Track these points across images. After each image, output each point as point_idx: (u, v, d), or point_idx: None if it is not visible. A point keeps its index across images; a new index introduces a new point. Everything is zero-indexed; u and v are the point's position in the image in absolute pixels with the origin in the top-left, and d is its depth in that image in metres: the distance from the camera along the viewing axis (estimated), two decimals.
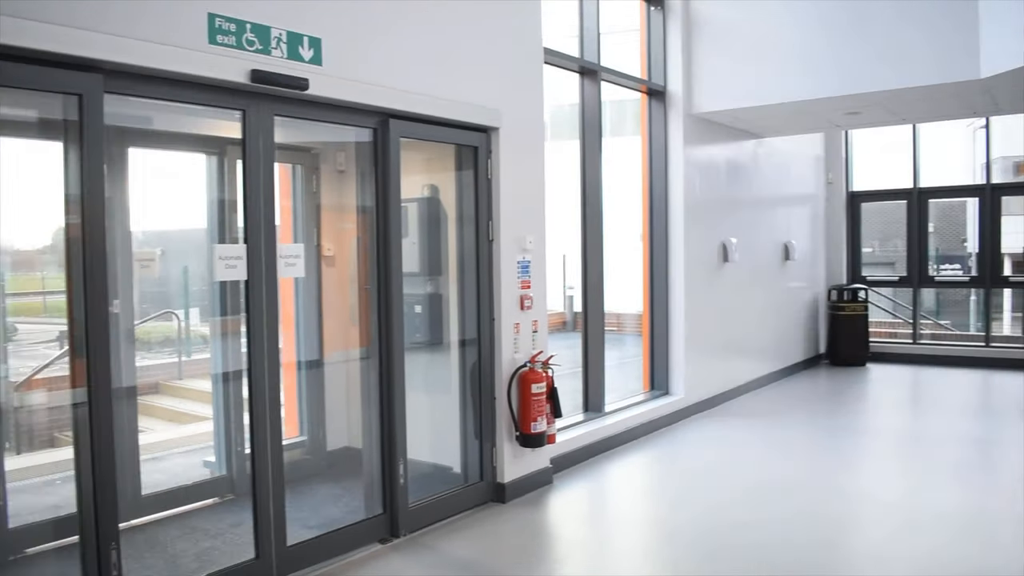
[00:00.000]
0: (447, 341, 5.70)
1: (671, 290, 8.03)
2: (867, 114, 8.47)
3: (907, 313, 12.71)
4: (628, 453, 6.80)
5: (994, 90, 7.26)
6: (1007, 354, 11.19)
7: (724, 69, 7.91)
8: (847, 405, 9.16)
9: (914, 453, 7.05)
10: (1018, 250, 13.63)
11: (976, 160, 17.07)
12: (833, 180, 11.93)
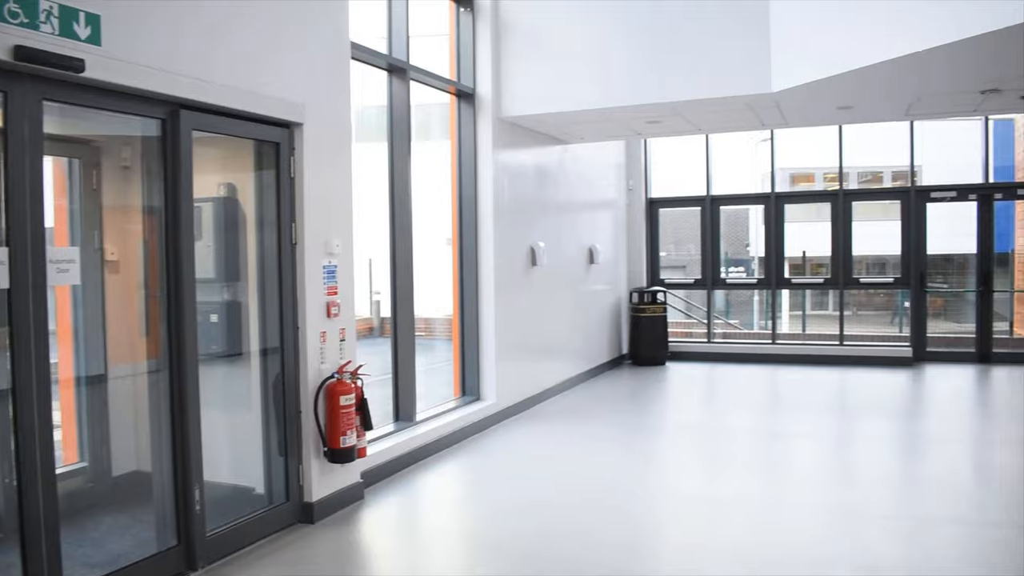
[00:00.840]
0: (247, 352, 5.31)
1: (481, 294, 7.95)
2: (667, 123, 8.77)
3: (701, 313, 13.39)
4: (441, 462, 6.64)
5: (783, 104, 7.69)
6: (791, 350, 12.00)
7: (531, 73, 7.93)
8: (651, 403, 9.47)
9: (714, 447, 7.33)
10: (798, 254, 14.67)
11: (760, 171, 18.28)
12: (633, 187, 12.35)
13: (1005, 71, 6.58)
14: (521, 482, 6.19)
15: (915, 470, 6.65)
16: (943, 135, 14.74)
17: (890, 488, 6.09)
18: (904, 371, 10.96)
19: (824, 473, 6.58)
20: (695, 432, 8.00)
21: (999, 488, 6.01)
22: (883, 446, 7.38)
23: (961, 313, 15.04)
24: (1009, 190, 11.57)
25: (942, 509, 5.50)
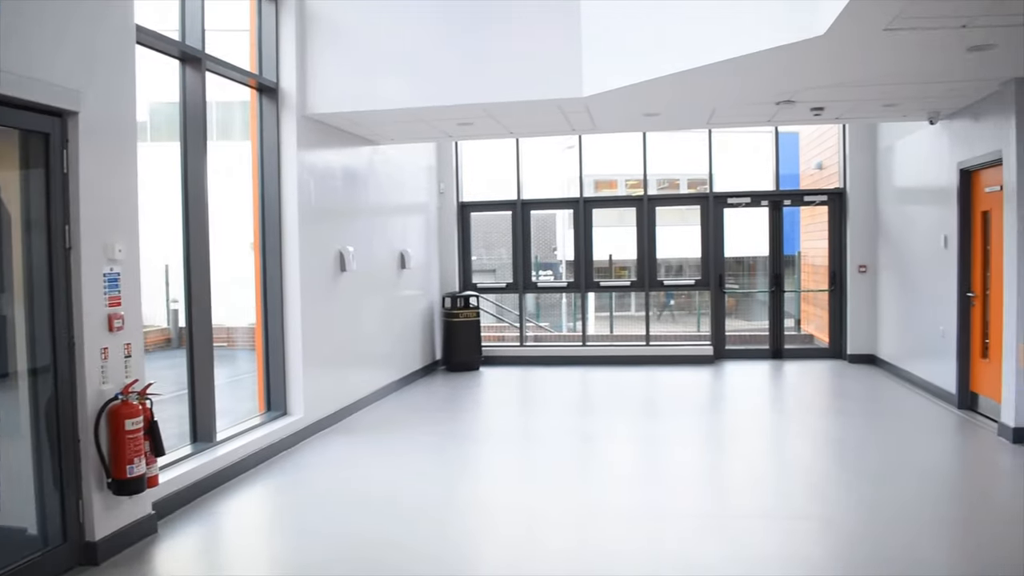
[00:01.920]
0: (13, 372, 4.62)
1: (286, 301, 7.47)
2: (479, 125, 8.63)
3: (513, 317, 13.41)
4: (246, 485, 6.13)
5: (594, 109, 7.74)
6: (600, 351, 12.23)
7: (339, 69, 7.55)
8: (466, 410, 9.30)
9: (531, 452, 7.25)
10: (605, 258, 14.99)
11: (566, 176, 18.60)
12: (445, 190, 12.17)
13: (798, 83, 6.91)
14: (333, 501, 5.81)
15: (723, 465, 6.86)
16: (736, 145, 15.60)
17: (702, 485, 6.22)
18: (707, 368, 11.42)
19: (637, 473, 6.65)
20: (511, 437, 7.90)
21: (802, 480, 6.28)
22: (692, 442, 7.58)
23: (753, 312, 15.96)
24: (796, 197, 12.34)
25: (752, 504, 5.65)
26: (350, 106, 7.62)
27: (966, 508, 5.64)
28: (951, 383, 8.56)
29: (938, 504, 5.67)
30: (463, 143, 12.44)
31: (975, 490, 6.14)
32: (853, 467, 6.55)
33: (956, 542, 4.99)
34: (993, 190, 7.69)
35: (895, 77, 6.71)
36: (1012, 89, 6.84)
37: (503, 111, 7.85)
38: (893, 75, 6.62)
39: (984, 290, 8.07)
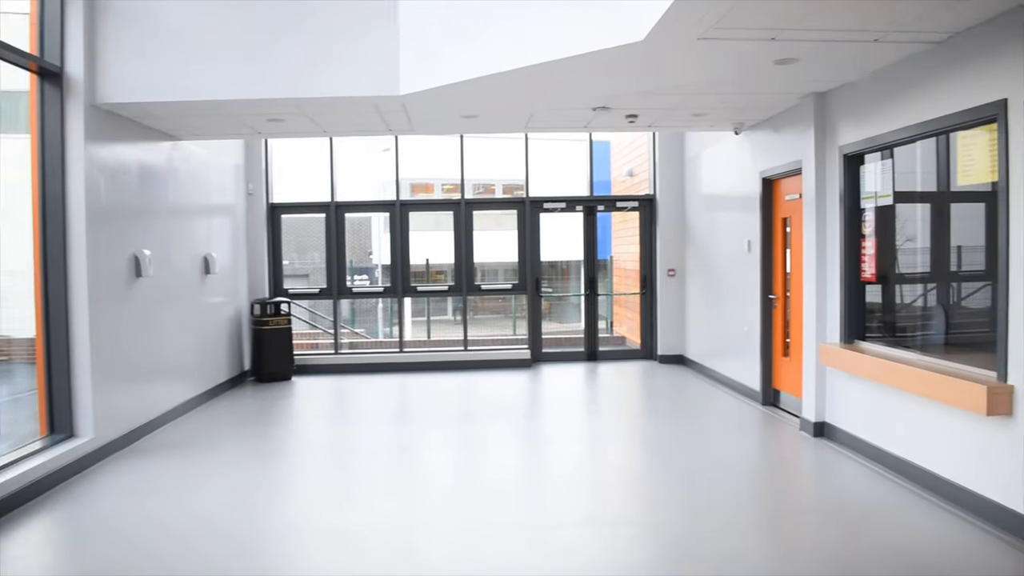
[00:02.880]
0: None
1: (72, 310, 6.69)
2: (291, 122, 8.18)
3: (327, 323, 12.92)
4: (25, 520, 5.42)
5: (411, 109, 7.50)
6: (418, 358, 11.99)
7: (134, 55, 6.87)
8: (278, 423, 8.77)
9: (348, 467, 6.90)
10: (422, 262, 14.77)
11: (382, 179, 18.24)
12: (254, 191, 11.53)
13: (616, 89, 6.97)
14: (126, 534, 5.23)
15: (544, 471, 6.79)
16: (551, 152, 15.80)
17: (523, 493, 6.12)
18: (524, 372, 11.44)
19: (458, 484, 6.46)
20: (327, 452, 7.50)
21: (620, 483, 6.32)
22: (512, 449, 7.49)
23: (568, 315, 16.25)
24: (609, 203, 12.64)
25: (573, 511, 5.60)
26: (146, 96, 6.96)
27: (778, 502, 5.85)
28: (755, 381, 8.96)
29: (751, 500, 5.85)
30: (274, 141, 11.83)
31: (784, 484, 6.39)
32: (669, 467, 6.67)
33: (771, 536, 5.14)
34: (793, 198, 8.10)
35: (707, 87, 6.91)
36: (811, 103, 7.22)
37: (316, 107, 7.46)
38: (705, 84, 6.81)
39: (785, 292, 8.50)
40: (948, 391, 5.22)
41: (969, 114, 5.15)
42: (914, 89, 5.81)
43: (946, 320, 6.28)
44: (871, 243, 6.67)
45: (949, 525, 5.04)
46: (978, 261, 6.04)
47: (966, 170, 5.50)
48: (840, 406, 7.03)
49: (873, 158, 6.62)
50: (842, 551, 4.73)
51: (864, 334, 6.87)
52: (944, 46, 5.40)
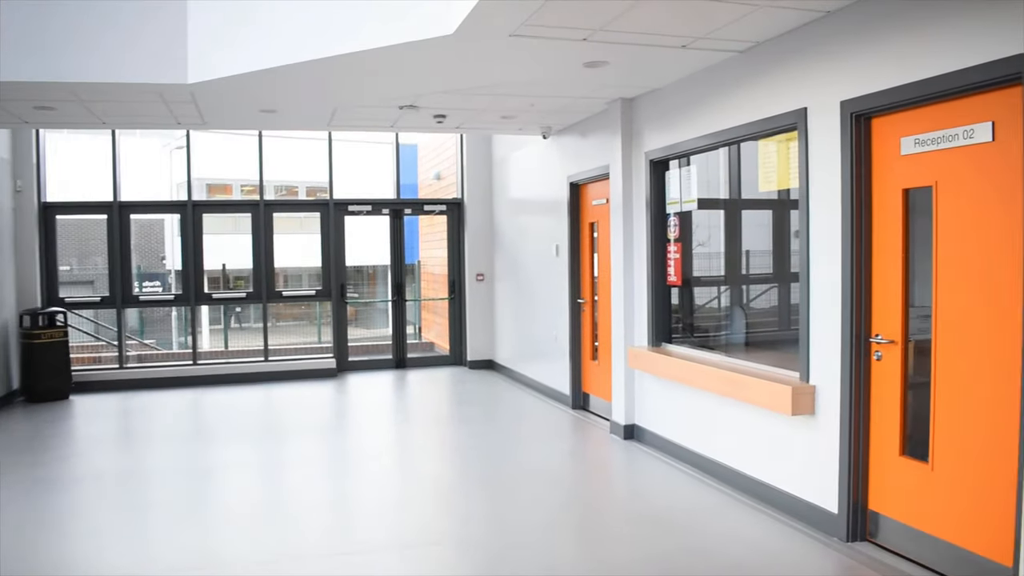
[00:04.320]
0: None
1: None
2: (64, 111, 7.33)
3: (112, 335, 11.82)
4: None
5: (201, 100, 6.90)
6: (214, 370, 11.20)
7: None
8: (53, 449, 7.76)
9: (136, 497, 6.19)
10: (218, 267, 13.94)
11: (175, 179, 17.12)
12: (23, 188, 10.32)
13: (424, 86, 6.72)
14: None
15: (352, 491, 6.39)
16: (357, 154, 15.36)
17: (330, 517, 5.71)
18: (330, 382, 10.95)
19: (258, 511, 5.90)
20: (109, 480, 6.70)
21: (433, 498, 6.04)
22: (316, 468, 7.02)
23: (375, 321, 15.81)
24: (416, 206, 12.37)
25: (384, 533, 5.27)
26: None
27: (591, 508, 5.78)
28: (565, 385, 8.98)
29: (564, 507, 5.74)
30: (49, 133, 10.67)
31: (596, 489, 6.35)
32: (481, 478, 6.48)
33: (585, 544, 5.03)
34: (600, 203, 8.16)
35: (517, 88, 6.79)
36: (619, 108, 7.26)
37: (92, 94, 6.69)
38: (515, 85, 6.69)
39: (593, 296, 8.56)
40: (754, 392, 5.33)
41: (771, 122, 5.29)
42: (718, 97, 5.93)
43: (746, 321, 6.48)
44: (676, 248, 6.78)
45: (762, 526, 5.14)
46: (771, 264, 6.28)
47: (767, 177, 5.67)
48: (650, 409, 7.11)
49: (678, 164, 6.74)
50: (656, 555, 4.70)
51: (671, 337, 6.98)
52: (747, 55, 5.54)
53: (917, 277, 4.40)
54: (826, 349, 4.86)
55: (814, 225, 4.92)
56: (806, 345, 5.02)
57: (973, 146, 3.93)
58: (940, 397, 4.18)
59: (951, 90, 3.94)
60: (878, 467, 4.62)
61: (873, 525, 4.66)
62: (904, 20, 4.20)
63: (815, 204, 4.91)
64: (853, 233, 4.62)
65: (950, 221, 4.10)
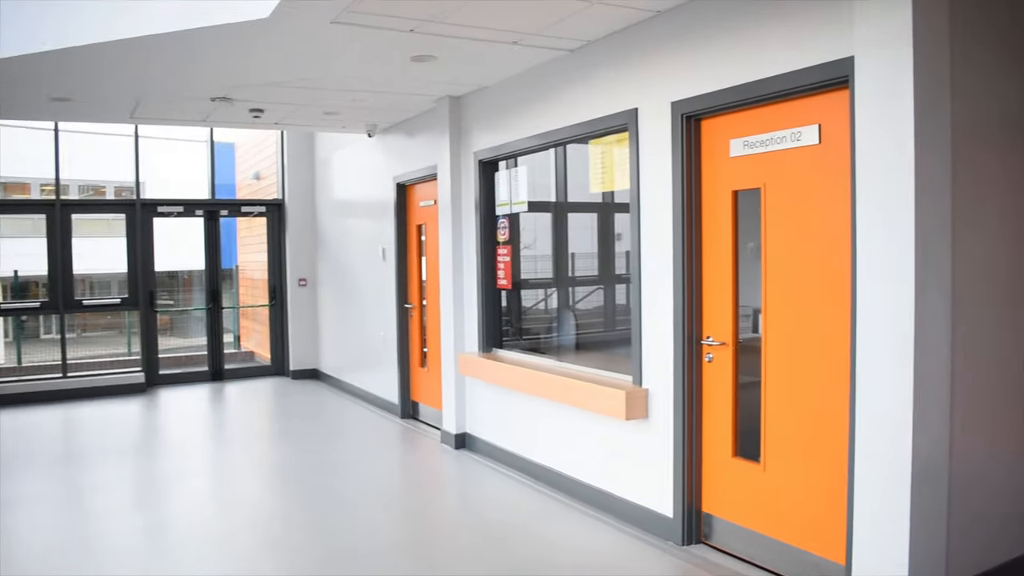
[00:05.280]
0: None
1: None
2: None
3: None
4: None
5: None
6: (4, 389, 10.04)
7: None
8: None
9: None
10: (9, 273, 12.67)
11: None
12: None
13: (236, 77, 6.23)
14: None
15: (164, 523, 5.75)
16: (170, 152, 14.43)
17: (141, 557, 5.12)
18: (138, 399, 10.09)
19: (51, 554, 5.23)
20: None
21: (254, 527, 5.55)
22: (124, 499, 6.28)
23: (190, 331, 14.83)
24: (234, 207, 11.66)
25: (205, 566, 4.77)
26: None
27: (424, 523, 5.50)
28: (394, 394, 8.66)
29: (396, 524, 5.44)
30: None
31: (429, 503, 6.07)
32: (306, 499, 6.04)
33: (420, 562, 4.74)
34: (428, 204, 7.91)
35: (340, 81, 6.42)
36: (446, 107, 7.04)
37: None
38: (338, 79, 6.32)
39: (421, 301, 8.29)
40: (588, 397, 5.23)
41: (602, 123, 5.21)
42: (549, 96, 5.81)
43: (576, 323, 6.40)
44: (506, 250, 6.63)
45: (598, 534, 5.03)
46: (600, 266, 6.24)
47: (598, 178, 5.60)
48: (482, 417, 6.92)
49: (507, 165, 6.59)
50: (493, 568, 4.49)
51: (502, 342, 6.82)
52: (579, 54, 5.44)
53: (748, 279, 4.42)
54: (658, 352, 4.82)
55: (645, 227, 4.88)
56: (638, 348, 4.97)
57: (800, 148, 3.97)
58: (771, 398, 4.20)
59: (779, 93, 3.96)
60: (712, 469, 4.61)
61: (708, 527, 4.66)
62: (733, 22, 4.20)
63: (646, 206, 4.86)
64: (684, 235, 4.59)
65: (779, 223, 4.13)
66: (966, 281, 3.60)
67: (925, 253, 3.30)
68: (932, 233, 3.34)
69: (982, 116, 3.70)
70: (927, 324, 3.33)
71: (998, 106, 3.81)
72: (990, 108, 3.76)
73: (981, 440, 3.81)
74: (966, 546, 3.69)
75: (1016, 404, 4.02)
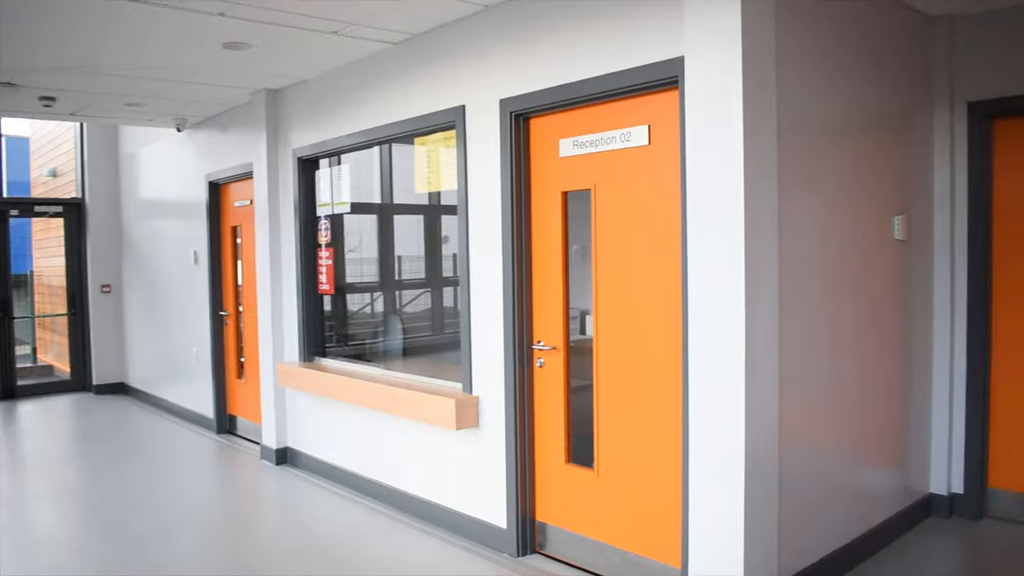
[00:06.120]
0: None
1: None
2: None
3: None
4: None
5: None
6: None
7: None
8: None
9: None
10: None
11: None
12: None
13: (19, 58, 5.55)
14: None
15: None
16: None
17: None
18: None
19: None
20: None
21: (43, 564, 4.95)
22: None
23: None
24: (26, 207, 10.60)
25: None
26: None
27: (245, 548, 5.08)
28: (209, 408, 8.10)
29: (217, 554, 4.97)
30: None
31: (249, 525, 5.63)
32: (109, 529, 5.42)
33: None
34: (243, 204, 7.43)
35: (144, 69, 5.86)
36: (263, 100, 6.60)
37: None
38: (140, 66, 5.77)
39: (238, 308, 7.79)
40: (416, 407, 4.99)
41: (428, 120, 4.99)
42: (373, 91, 5.53)
43: (403, 327, 6.17)
44: (328, 253, 6.29)
45: (431, 548, 4.81)
46: (427, 269, 6.05)
47: (425, 178, 5.38)
48: (305, 430, 6.53)
49: (330, 163, 6.26)
50: None
51: (325, 350, 6.47)
52: (404, 47, 5.19)
53: (579, 281, 4.33)
54: (489, 358, 4.66)
55: (474, 229, 4.70)
56: (468, 355, 4.79)
57: (630, 149, 3.91)
58: (603, 402, 4.13)
59: (609, 92, 3.88)
60: (545, 477, 4.50)
61: (543, 537, 4.53)
62: (563, 19, 4.10)
63: (475, 207, 4.69)
64: (513, 237, 4.45)
65: (609, 224, 4.06)
66: (792, 280, 3.65)
67: (754, 253, 3.29)
68: (760, 234, 3.34)
69: (806, 119, 3.77)
70: (757, 323, 3.33)
71: (822, 108, 3.90)
72: (813, 111, 3.84)
73: (808, 435, 3.88)
74: (796, 540, 3.74)
75: (839, 397, 4.13)
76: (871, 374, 4.42)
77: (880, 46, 4.40)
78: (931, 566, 4.39)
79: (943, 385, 4.94)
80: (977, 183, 4.81)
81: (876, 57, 4.37)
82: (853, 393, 4.28)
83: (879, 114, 4.45)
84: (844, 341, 4.17)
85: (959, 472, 4.96)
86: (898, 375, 4.67)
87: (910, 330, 4.75)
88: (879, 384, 4.50)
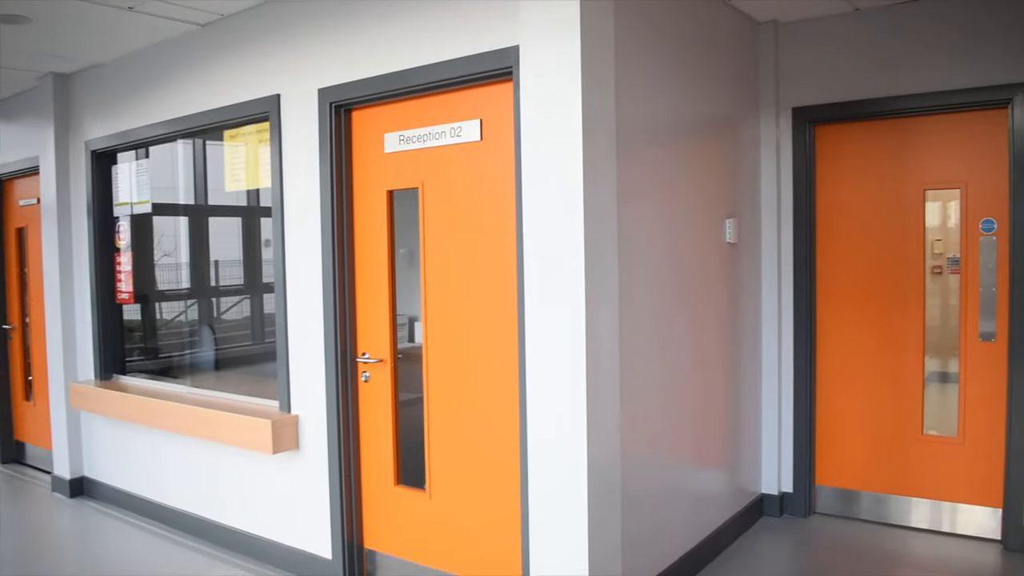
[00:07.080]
0: None
1: None
2: None
3: None
4: None
5: None
6: None
7: None
8: None
9: None
10: None
11: None
12: None
13: None
14: None
15: None
16: None
17: None
18: None
19: None
20: None
21: None
22: None
23: None
24: None
25: None
26: None
27: None
28: None
29: None
30: None
31: (40, 569, 4.92)
32: None
33: None
34: (30, 203, 6.61)
35: None
36: (51, 85, 5.85)
37: None
38: None
39: (23, 320, 6.92)
40: (228, 430, 4.49)
41: (239, 110, 4.51)
42: (178, 77, 4.97)
43: (216, 339, 5.64)
44: (128, 257, 5.65)
45: None
46: (239, 276, 5.56)
47: (235, 175, 4.88)
48: (104, 457, 5.82)
49: (127, 158, 5.62)
50: None
51: (125, 367, 5.81)
52: (211, 29, 4.68)
53: (406, 287, 4.01)
54: (309, 373, 4.25)
55: (290, 229, 4.28)
56: (285, 370, 4.35)
57: (461, 145, 3.62)
58: (435, 418, 3.82)
59: (438, 83, 3.59)
60: (373, 501, 4.13)
61: (372, 565, 4.17)
62: (388, 2, 3.76)
63: (291, 206, 4.27)
64: (335, 239, 4.07)
65: (438, 225, 3.76)
66: (630, 283, 3.48)
67: (594, 257, 3.06)
68: (600, 237, 3.11)
69: (645, 120, 3.61)
70: (598, 329, 3.10)
71: (660, 109, 3.76)
72: (652, 112, 3.68)
73: (649, 449, 3.73)
74: (637, 557, 3.57)
75: (676, 401, 4.01)
76: (705, 377, 4.35)
77: (715, 49, 4.35)
78: (764, 567, 4.36)
79: (772, 387, 4.97)
80: (801, 188, 4.86)
81: (711, 60, 4.30)
82: (689, 396, 4.18)
83: (713, 117, 4.39)
84: (680, 344, 4.06)
85: (788, 471, 5.01)
86: (730, 378, 4.63)
87: (741, 332, 4.73)
88: (713, 387, 4.44)
